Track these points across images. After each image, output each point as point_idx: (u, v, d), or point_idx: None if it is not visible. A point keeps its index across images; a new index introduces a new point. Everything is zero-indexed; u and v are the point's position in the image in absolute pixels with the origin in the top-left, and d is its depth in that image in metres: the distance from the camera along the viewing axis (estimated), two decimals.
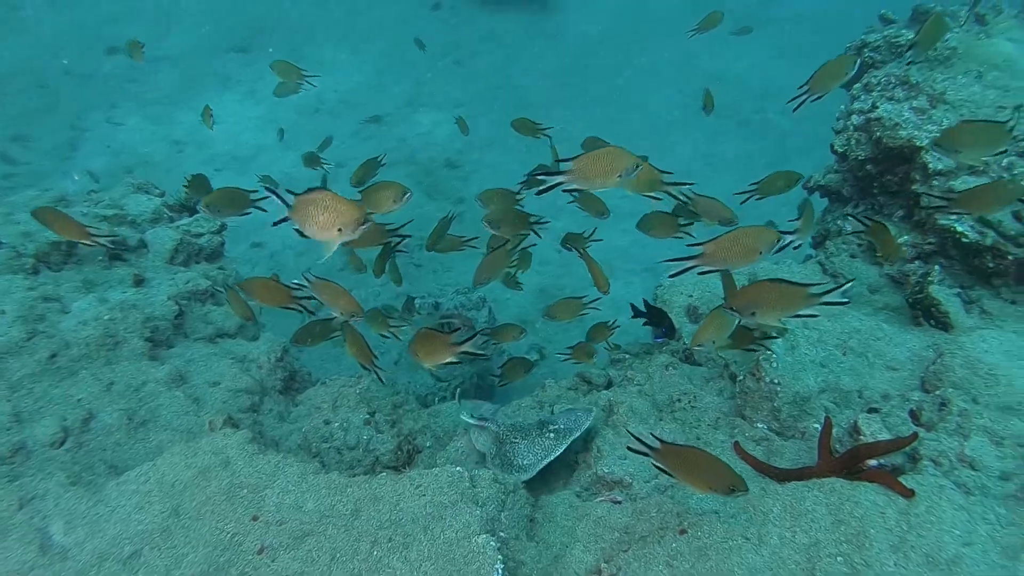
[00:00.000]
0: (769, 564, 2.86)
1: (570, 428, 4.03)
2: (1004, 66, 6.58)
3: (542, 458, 3.90)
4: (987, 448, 3.48)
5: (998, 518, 3.03)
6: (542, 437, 4.00)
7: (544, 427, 4.07)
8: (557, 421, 4.11)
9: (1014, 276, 4.82)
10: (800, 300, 2.98)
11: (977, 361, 4.03)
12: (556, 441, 3.97)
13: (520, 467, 3.89)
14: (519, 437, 4.06)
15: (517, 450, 4.00)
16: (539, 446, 3.97)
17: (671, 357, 4.98)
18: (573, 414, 4.21)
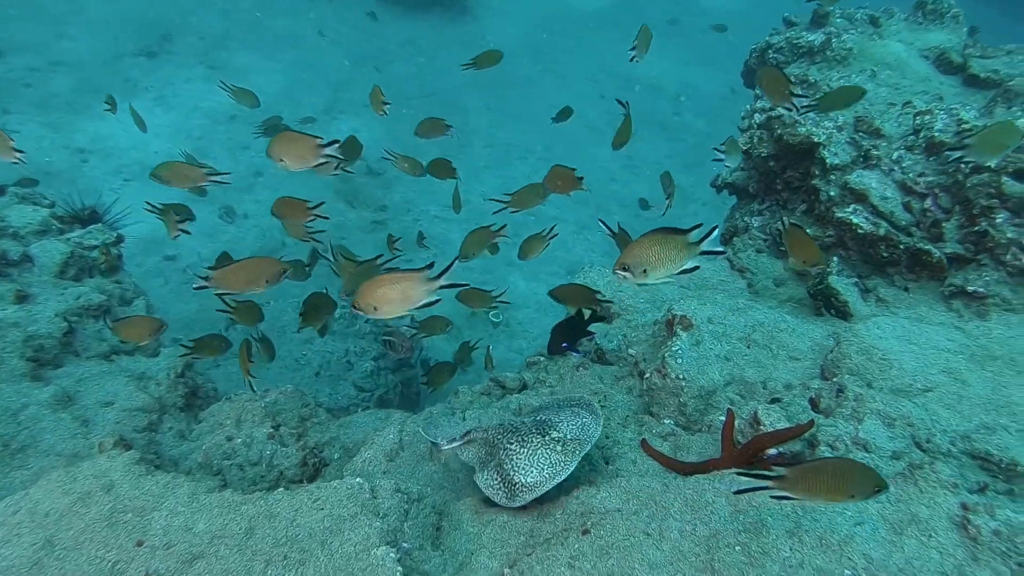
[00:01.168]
0: (670, 558, 2.85)
1: (579, 438, 3.37)
2: (895, 65, 6.89)
3: (550, 477, 3.22)
4: (880, 430, 3.59)
5: (887, 497, 3.11)
6: (546, 448, 3.32)
7: (544, 431, 3.41)
8: (558, 424, 3.45)
9: (906, 264, 5.01)
10: (682, 250, 2.94)
11: (872, 348, 4.16)
12: (565, 455, 3.29)
13: (524, 486, 3.23)
14: (515, 442, 3.38)
15: (516, 462, 3.31)
16: (543, 458, 3.29)
17: (582, 358, 4.97)
18: (572, 413, 3.61)
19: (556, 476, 3.23)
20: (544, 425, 3.44)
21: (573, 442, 3.36)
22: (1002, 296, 4.54)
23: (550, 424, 3.45)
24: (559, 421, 3.47)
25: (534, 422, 3.49)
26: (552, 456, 3.29)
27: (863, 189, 5.25)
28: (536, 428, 3.43)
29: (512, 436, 3.41)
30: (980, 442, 3.52)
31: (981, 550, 2.84)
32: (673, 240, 2.93)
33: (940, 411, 3.76)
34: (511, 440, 3.40)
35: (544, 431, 3.40)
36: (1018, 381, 3.95)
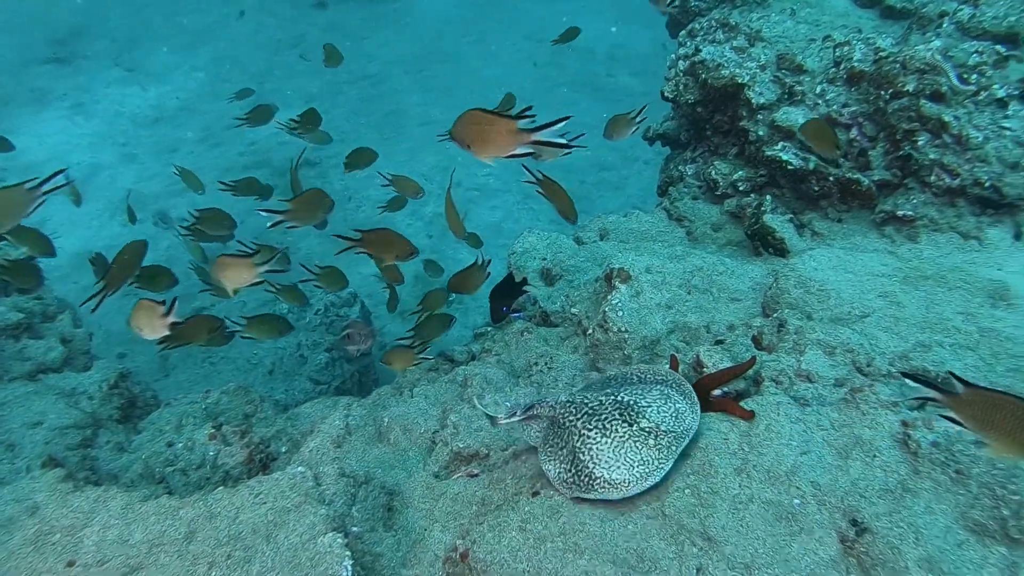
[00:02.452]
0: (621, 510, 2.82)
1: (673, 431, 2.88)
2: (814, 2, 6.89)
3: (641, 477, 2.77)
4: (821, 360, 3.60)
5: (832, 423, 3.12)
6: (635, 440, 2.84)
7: (631, 418, 2.90)
8: (646, 410, 2.94)
9: (837, 196, 5.04)
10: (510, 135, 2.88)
11: (809, 280, 4.17)
12: (659, 452, 2.81)
13: (607, 481, 2.78)
14: (595, 429, 2.90)
15: (597, 453, 2.84)
16: (632, 453, 2.81)
17: (526, 323, 4.91)
18: (662, 396, 3.04)
19: (648, 477, 2.77)
20: (629, 410, 2.94)
21: (667, 435, 2.85)
22: (930, 217, 4.59)
23: (637, 409, 2.93)
24: (647, 406, 2.94)
25: (616, 404, 2.98)
26: (643, 452, 2.81)
27: (790, 125, 5.24)
28: (620, 413, 2.93)
29: (590, 420, 2.93)
30: (917, 360, 3.56)
31: (922, 463, 2.86)
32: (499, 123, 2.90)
33: (879, 335, 3.78)
34: (589, 425, 2.92)
35: (631, 418, 2.90)
36: (949, 297, 4.00)
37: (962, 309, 3.91)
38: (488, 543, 2.80)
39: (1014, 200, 4.42)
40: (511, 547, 2.75)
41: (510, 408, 3.39)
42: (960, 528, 2.65)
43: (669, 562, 2.60)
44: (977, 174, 4.47)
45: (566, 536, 2.73)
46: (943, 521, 2.67)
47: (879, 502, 2.73)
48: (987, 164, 4.47)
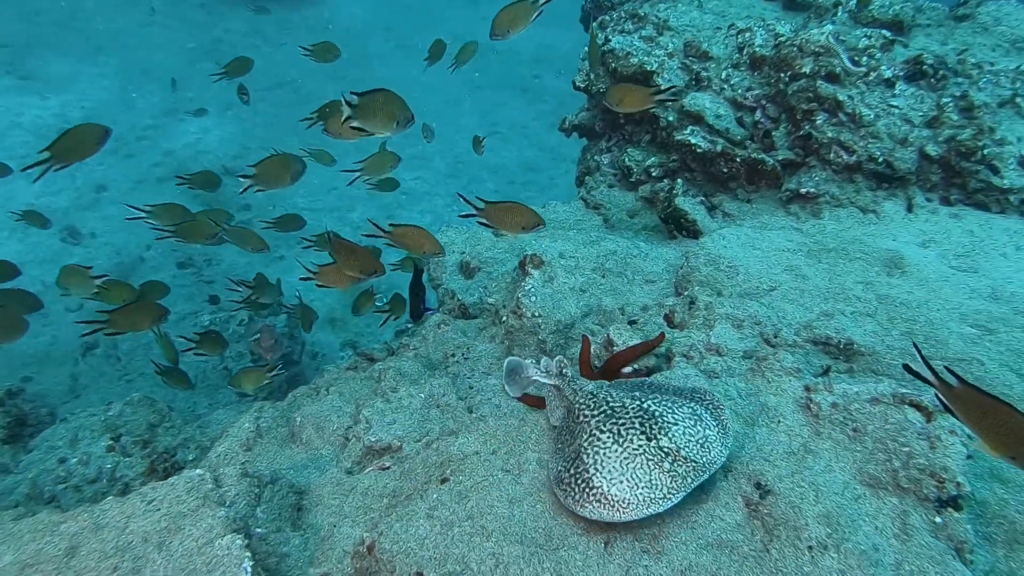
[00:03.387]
0: (529, 489, 2.77)
1: (695, 460, 2.54)
2: None
3: (643, 501, 2.44)
4: (730, 333, 3.64)
5: (739, 392, 3.15)
6: (647, 458, 2.52)
7: (651, 431, 2.59)
8: (670, 428, 2.60)
9: (745, 177, 5.14)
10: None
11: (718, 258, 4.22)
12: (672, 480, 2.48)
13: (605, 496, 2.47)
14: (608, 431, 2.62)
15: (602, 459, 2.55)
16: (640, 471, 2.49)
17: (444, 315, 4.83)
18: (692, 416, 2.70)
19: (651, 504, 2.43)
20: (653, 422, 2.62)
21: (686, 464, 2.52)
22: (831, 193, 4.72)
23: (661, 423, 2.61)
24: (673, 423, 2.61)
25: (639, 411, 2.67)
26: (654, 473, 2.48)
27: (698, 110, 5.32)
28: (641, 422, 2.62)
29: (606, 421, 2.66)
30: (821, 328, 3.64)
31: (822, 424, 2.91)
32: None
33: (785, 307, 3.86)
34: (604, 426, 2.64)
35: (651, 431, 2.58)
36: (850, 268, 4.11)
37: (861, 279, 4.03)
38: (395, 533, 2.71)
39: (905, 174, 4.58)
40: (418, 535, 2.66)
41: (543, 369, 3.14)
42: (857, 483, 2.70)
43: (578, 538, 2.56)
44: (871, 150, 4.62)
45: (474, 520, 2.67)
46: (841, 478, 2.71)
47: (782, 464, 2.76)
48: (879, 140, 4.63)
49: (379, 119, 3.55)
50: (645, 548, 2.51)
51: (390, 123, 3.57)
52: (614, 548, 2.51)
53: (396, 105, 3.56)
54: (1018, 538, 2.74)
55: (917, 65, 4.97)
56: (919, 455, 2.67)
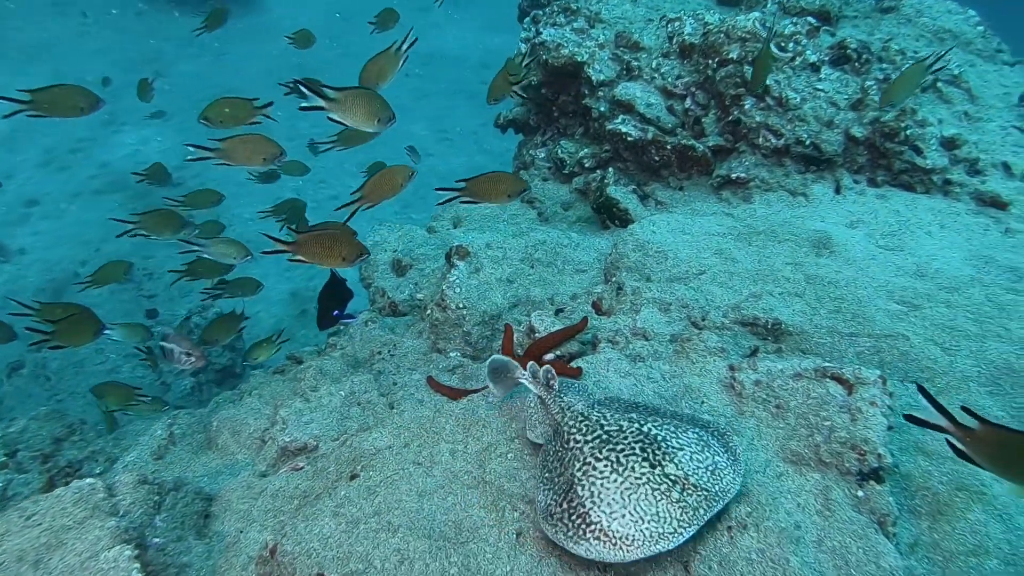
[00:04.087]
0: (441, 482, 2.62)
1: (706, 489, 2.26)
2: None
3: (650, 538, 2.14)
4: (656, 317, 3.55)
5: (663, 374, 3.05)
6: (653, 487, 2.22)
7: (655, 457, 2.30)
8: (676, 454, 2.32)
9: (677, 164, 5.09)
10: None
11: (647, 243, 4.14)
12: (683, 512, 2.19)
13: (604, 533, 2.16)
14: (604, 458, 2.32)
15: (600, 491, 2.24)
16: (645, 503, 2.19)
17: (373, 313, 4.67)
18: (699, 441, 2.41)
19: (659, 539, 2.13)
20: (656, 447, 2.32)
21: (696, 492, 2.23)
22: (761, 178, 4.70)
23: (665, 448, 2.32)
24: (679, 448, 2.33)
25: (640, 435, 2.37)
26: (661, 505, 2.18)
27: (629, 99, 5.26)
28: (643, 448, 2.32)
29: (602, 447, 2.35)
30: (748, 309, 3.57)
31: (746, 403, 2.83)
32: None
33: (714, 289, 3.79)
34: (600, 453, 2.34)
35: (655, 457, 2.29)
36: (779, 250, 4.07)
37: (790, 259, 3.98)
38: (298, 534, 2.54)
39: (832, 156, 4.57)
40: (322, 535, 2.50)
41: (530, 371, 2.74)
42: (780, 460, 2.61)
43: (488, 529, 2.42)
44: (799, 133, 4.60)
45: (380, 516, 2.51)
46: (764, 456, 2.62)
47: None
48: (806, 123, 4.62)
49: (359, 115, 3.44)
50: None
51: (371, 120, 3.46)
52: (526, 539, 2.38)
53: (377, 103, 3.45)
54: (942, 509, 2.69)
55: (841, 50, 4.98)
56: (841, 428, 2.60)
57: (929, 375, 3.33)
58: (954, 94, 5.24)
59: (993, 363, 3.38)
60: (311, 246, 3.47)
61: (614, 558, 2.15)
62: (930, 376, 3.32)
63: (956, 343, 3.48)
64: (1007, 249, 4.17)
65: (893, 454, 2.90)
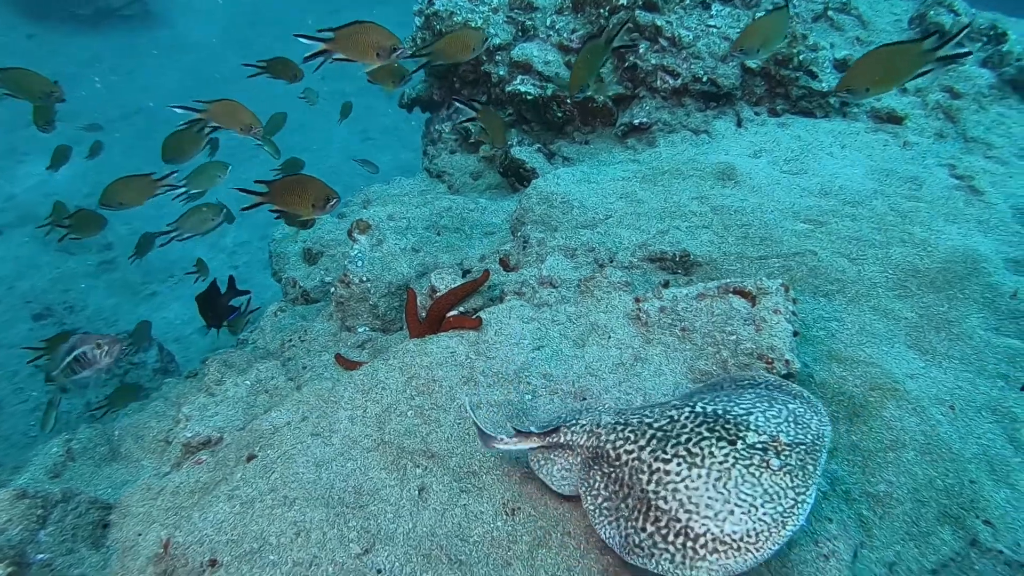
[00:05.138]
0: (339, 450, 2.47)
1: (801, 441, 1.94)
2: None
3: (774, 522, 1.80)
4: (562, 263, 3.44)
5: (568, 317, 2.95)
6: (744, 464, 1.88)
7: (727, 432, 1.95)
8: (746, 419, 1.99)
9: (580, 118, 5.01)
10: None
11: (552, 195, 4.04)
12: (790, 477, 1.87)
13: (719, 540, 1.80)
14: (674, 457, 1.94)
15: (690, 494, 1.88)
16: (747, 485, 1.85)
17: (282, 303, 4.48)
18: (762, 398, 2.11)
19: (785, 520, 1.79)
20: (723, 422, 1.98)
21: (794, 450, 1.91)
22: (663, 120, 4.64)
23: (733, 419, 1.98)
24: (746, 413, 2.00)
25: (697, 416, 2.02)
26: (764, 480, 1.85)
27: (526, 59, 5.16)
28: (709, 428, 1.97)
29: (664, 446, 1.97)
30: (655, 245, 3.50)
31: (652, 331, 2.74)
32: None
33: (621, 232, 3.70)
34: (664, 452, 1.96)
35: (728, 432, 1.94)
36: (684, 186, 4.01)
37: (696, 194, 3.93)
38: (192, 524, 2.36)
39: (730, 90, 4.55)
40: (216, 520, 2.32)
41: (510, 430, 2.26)
42: (688, 381, 2.54)
43: (390, 490, 2.28)
44: (695, 70, 4.56)
45: (276, 492, 2.35)
46: (672, 379, 2.54)
47: (609, 377, 2.57)
48: (701, 60, 4.58)
49: (360, 49, 3.42)
50: (464, 488, 2.26)
51: (371, 54, 3.42)
52: (429, 494, 2.25)
53: (379, 33, 3.39)
54: (857, 411, 2.65)
55: None
56: (746, 340, 2.53)
57: (839, 286, 3.31)
58: (845, 21, 5.28)
59: (899, 267, 3.38)
60: (284, 194, 3.29)
61: (748, 564, 1.75)
62: (840, 287, 3.30)
63: (863, 252, 3.47)
64: (906, 161, 4.20)
65: (807, 364, 2.87)
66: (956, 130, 4.38)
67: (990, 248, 3.48)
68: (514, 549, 2.07)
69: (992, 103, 4.54)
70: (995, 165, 4.14)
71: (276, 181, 3.34)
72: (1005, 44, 4.70)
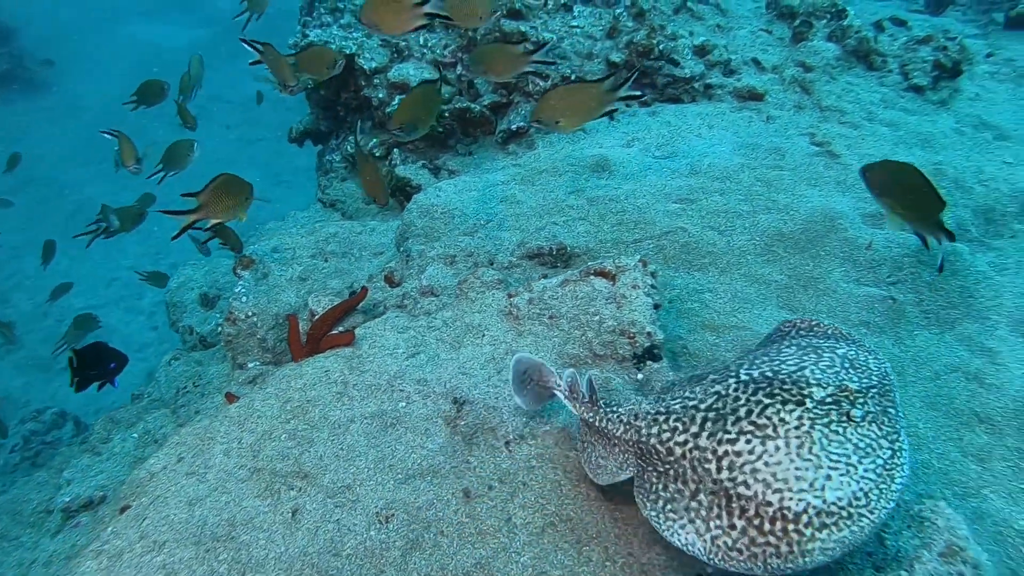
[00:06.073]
0: (214, 485, 2.40)
1: (870, 385, 1.79)
2: None
3: (881, 475, 1.64)
4: (442, 271, 3.45)
5: (445, 322, 2.94)
6: (824, 423, 1.70)
7: (790, 393, 1.76)
8: (802, 374, 1.80)
9: (460, 130, 5.06)
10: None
11: (432, 208, 4.05)
12: (876, 426, 1.71)
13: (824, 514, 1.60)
14: (741, 436, 1.74)
15: (773, 470, 1.67)
16: (833, 442, 1.67)
17: (177, 351, 4.36)
18: (809, 351, 1.91)
19: (892, 474, 1.63)
20: (776, 383, 1.78)
21: (866, 395, 1.74)
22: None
23: (786, 377, 1.79)
24: (800, 367, 1.82)
25: (748, 385, 1.81)
26: (852, 435, 1.66)
27: (403, 79, 5.19)
28: (768, 394, 1.77)
29: (723, 426, 1.76)
30: (532, 242, 3.54)
31: (523, 323, 2.76)
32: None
33: (502, 234, 3.73)
34: (727, 432, 1.75)
35: (790, 394, 1.75)
36: (560, 183, 4.08)
37: (572, 188, 4.00)
38: None
39: None
40: None
41: (567, 381, 2.11)
42: (558, 366, 2.56)
43: (263, 516, 2.22)
44: (563, 70, 4.67)
45: (146, 538, 2.26)
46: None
47: (480, 373, 2.57)
48: (568, 60, 4.69)
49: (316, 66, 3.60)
50: (339, 502, 2.22)
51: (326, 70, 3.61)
52: (302, 514, 2.20)
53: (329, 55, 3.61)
54: None
55: None
56: (608, 318, 2.58)
57: (711, 258, 3.40)
58: (704, 11, 5.48)
59: (765, 233, 3.50)
60: (215, 203, 3.12)
61: (866, 531, 1.56)
62: (712, 259, 3.40)
63: (731, 223, 3.58)
64: (770, 134, 4.37)
65: (681, 336, 2.93)
66: (812, 101, 4.59)
67: (847, 206, 3.63)
68: (387, 556, 2.04)
69: (841, 73, 4.78)
70: (848, 130, 4.35)
71: (202, 192, 3.10)
72: (845, 19, 4.96)
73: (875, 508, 1.57)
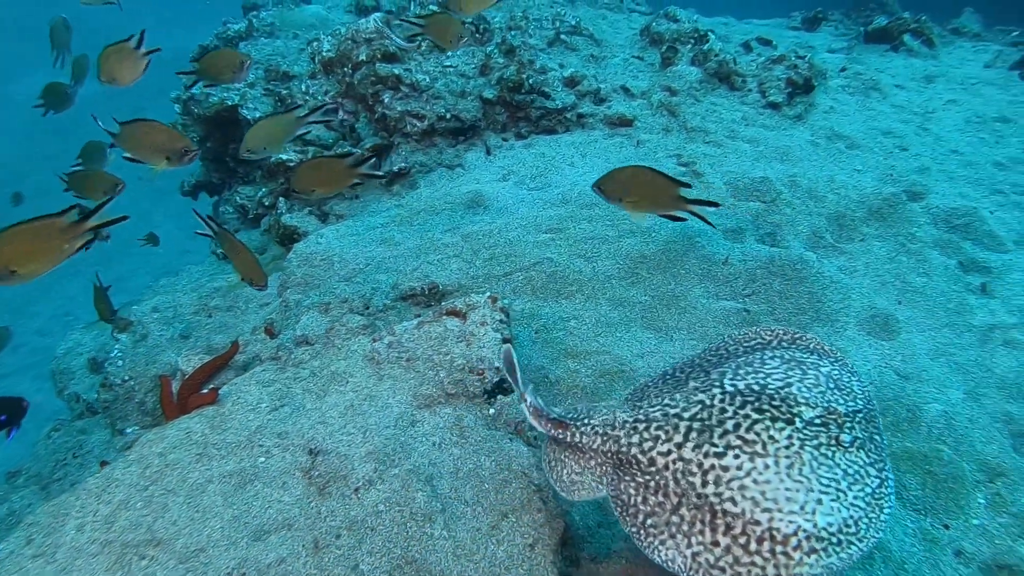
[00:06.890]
0: (63, 565, 2.36)
1: (857, 409, 1.76)
2: (319, 24, 7.13)
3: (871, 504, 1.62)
4: (317, 320, 3.46)
5: (312, 371, 2.97)
6: (812, 445, 1.66)
7: (779, 410, 1.72)
8: (789, 391, 1.76)
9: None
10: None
11: (311, 255, 4.08)
12: (864, 453, 1.69)
13: (813, 538, 1.57)
14: (728, 450, 1.69)
15: (762, 489, 1.62)
16: (823, 465, 1.65)
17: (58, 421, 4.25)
18: (791, 366, 1.87)
19: (880, 500, 1.61)
20: (763, 397, 1.74)
21: (853, 418, 1.71)
22: (419, 162, 4.82)
23: (775, 394, 1.74)
24: (785, 384, 1.77)
25: (734, 397, 1.76)
26: (839, 459, 1.64)
27: None
28: (756, 408, 1.72)
29: (710, 436, 1.70)
30: (405, 283, 3.60)
31: (383, 367, 2.82)
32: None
33: (379, 276, 3.79)
34: (713, 445, 1.69)
35: (779, 411, 1.70)
36: (437, 220, 4.17)
37: (448, 226, 4.09)
38: None
39: (474, 123, 4.79)
40: None
41: (536, 407, 1.95)
42: (414, 409, 2.62)
43: None
44: (438, 110, 4.78)
45: None
46: (397, 410, 2.61)
47: (336, 421, 2.61)
48: (443, 99, 4.80)
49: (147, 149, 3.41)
50: (190, 567, 2.21)
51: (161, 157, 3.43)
52: None
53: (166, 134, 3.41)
54: (590, 399, 2.81)
55: None
56: (459, 356, 2.65)
57: (577, 285, 3.52)
58: (579, 42, 5.70)
59: (629, 256, 3.65)
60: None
61: (852, 559, 1.53)
62: (579, 286, 3.52)
63: (597, 249, 3.72)
64: (639, 158, 4.55)
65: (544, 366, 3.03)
66: (678, 123, 4.81)
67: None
68: None
69: (705, 95, 5.03)
70: (712, 148, 4.58)
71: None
72: (707, 43, 5.24)
73: (864, 537, 1.56)
